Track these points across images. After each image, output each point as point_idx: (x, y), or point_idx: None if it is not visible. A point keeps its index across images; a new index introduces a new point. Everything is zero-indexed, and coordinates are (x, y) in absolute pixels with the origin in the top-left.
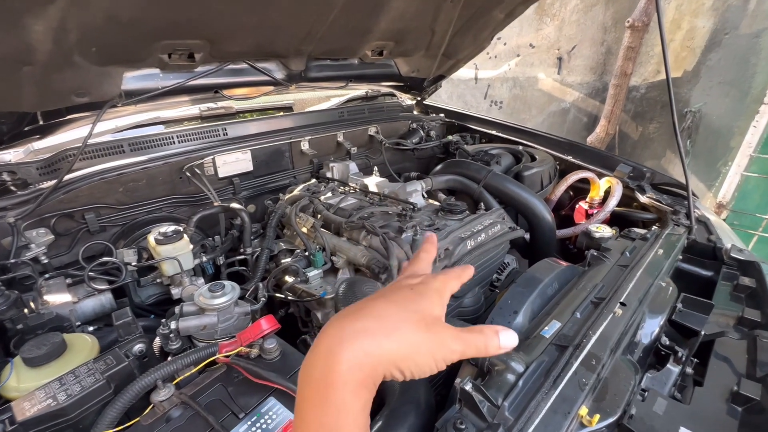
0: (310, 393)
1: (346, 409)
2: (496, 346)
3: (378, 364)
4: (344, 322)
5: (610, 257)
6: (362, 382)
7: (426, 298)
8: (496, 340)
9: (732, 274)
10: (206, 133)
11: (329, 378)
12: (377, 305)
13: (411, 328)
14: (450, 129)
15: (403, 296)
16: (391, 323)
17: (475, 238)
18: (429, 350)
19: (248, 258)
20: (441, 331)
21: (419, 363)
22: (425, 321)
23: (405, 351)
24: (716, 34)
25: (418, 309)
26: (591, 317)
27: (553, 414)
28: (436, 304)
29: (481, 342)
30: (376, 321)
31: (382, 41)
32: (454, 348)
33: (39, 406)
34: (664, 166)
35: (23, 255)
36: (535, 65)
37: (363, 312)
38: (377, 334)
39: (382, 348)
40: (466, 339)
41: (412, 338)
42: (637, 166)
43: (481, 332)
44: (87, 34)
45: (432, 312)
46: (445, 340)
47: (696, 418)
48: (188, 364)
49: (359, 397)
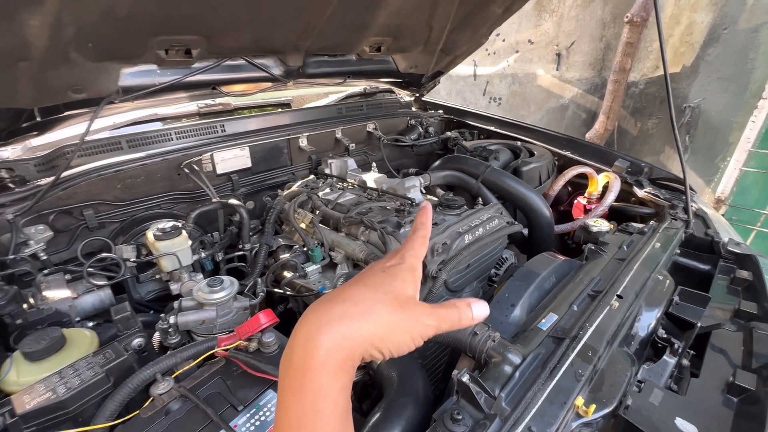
0: (289, 379)
1: (324, 392)
2: (469, 318)
3: (356, 346)
4: (321, 308)
5: (607, 251)
6: (341, 365)
7: (399, 278)
8: (468, 312)
9: (729, 268)
10: (204, 130)
11: (308, 363)
12: (352, 290)
13: (386, 310)
14: (448, 125)
15: (377, 279)
16: (367, 306)
17: (473, 233)
18: (405, 329)
19: (247, 254)
20: (415, 309)
21: (396, 341)
22: (399, 301)
23: (381, 332)
24: (715, 29)
25: (392, 290)
26: (588, 310)
27: (550, 404)
28: (409, 282)
29: (455, 315)
30: (352, 305)
31: (380, 37)
32: (429, 323)
33: (39, 399)
34: (663, 162)
35: (22, 251)
36: (533, 61)
37: (339, 298)
38: (354, 318)
39: (360, 331)
40: (439, 314)
41: (387, 319)
42: (635, 161)
43: (454, 306)
44: (83, 29)
45: (405, 292)
46: (420, 317)
47: (692, 409)
48: (187, 357)
49: (338, 379)
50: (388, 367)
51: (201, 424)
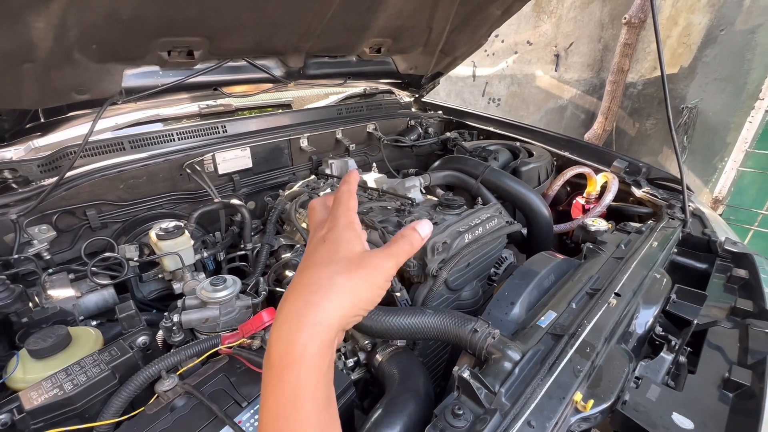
0: (268, 377)
1: (301, 385)
2: (419, 239)
3: (328, 328)
4: (288, 304)
5: (605, 250)
6: (318, 354)
7: (342, 241)
8: (417, 235)
9: (726, 266)
10: (206, 131)
11: (283, 360)
12: (307, 274)
13: (344, 278)
14: (448, 126)
15: (323, 252)
16: (326, 285)
17: (473, 232)
18: (368, 284)
19: (249, 254)
20: (370, 261)
21: (366, 299)
22: (353, 263)
23: (349, 301)
24: (712, 30)
25: (342, 256)
26: (586, 307)
27: (549, 399)
28: (353, 240)
29: (407, 243)
30: (312, 291)
31: (380, 38)
32: (388, 266)
33: (46, 396)
34: (661, 162)
35: (26, 251)
36: (532, 62)
37: (299, 287)
38: (318, 303)
39: (327, 312)
40: (394, 251)
41: (349, 286)
42: (633, 162)
43: (402, 236)
44: (87, 31)
45: (354, 250)
46: (378, 264)
47: (688, 405)
48: (191, 355)
49: (317, 368)
50: (390, 364)
51: (206, 420)
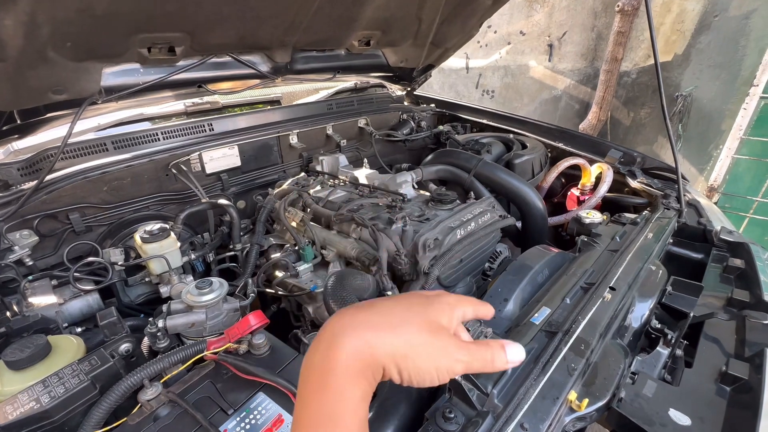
0: (311, 378)
1: (345, 397)
2: (503, 361)
3: (378, 355)
4: (349, 312)
5: (600, 243)
6: (361, 371)
7: (435, 307)
8: (503, 355)
9: (722, 256)
10: (192, 129)
11: (329, 364)
12: (385, 303)
13: (414, 329)
14: (441, 119)
15: (413, 301)
16: (396, 320)
17: (465, 227)
18: (430, 355)
19: (238, 254)
20: (445, 338)
21: (419, 365)
22: (430, 326)
23: (405, 349)
24: (706, 16)
25: (426, 313)
26: (580, 303)
27: (542, 400)
28: (444, 314)
29: (489, 355)
30: (381, 316)
31: (369, 31)
32: (459, 357)
33: (22, 409)
34: (656, 151)
35: (7, 257)
36: (526, 53)
37: (369, 307)
38: (380, 327)
39: (383, 341)
40: (471, 350)
41: (414, 338)
42: (628, 152)
43: (488, 346)
44: (60, 28)
45: (439, 320)
46: (449, 347)
47: (685, 400)
48: (176, 362)
49: (358, 386)
50: None
51: (190, 429)
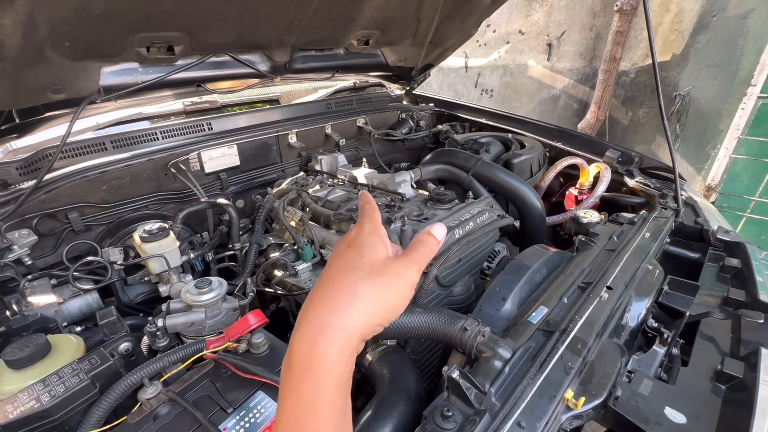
0: (288, 380)
1: (321, 390)
2: (436, 243)
3: (351, 334)
4: (311, 309)
5: (597, 242)
6: (338, 360)
7: (367, 246)
8: (433, 240)
9: (718, 256)
10: (191, 128)
11: (304, 362)
12: (331, 278)
13: (368, 285)
14: (440, 118)
15: (348, 257)
16: (350, 290)
17: (464, 227)
18: (392, 291)
19: (237, 253)
20: (393, 268)
21: (389, 307)
22: (376, 269)
23: (372, 308)
24: (704, 16)
25: (366, 262)
26: (578, 302)
27: (539, 398)
28: (378, 246)
29: (426, 248)
30: (337, 296)
31: (368, 30)
32: (411, 272)
33: (22, 408)
34: (654, 151)
35: (6, 257)
36: (524, 52)
37: (323, 292)
38: (341, 307)
39: (351, 318)
40: (414, 257)
41: (372, 292)
42: (626, 151)
43: (420, 242)
44: (58, 27)
45: (378, 256)
46: (400, 271)
47: (681, 398)
48: (175, 361)
49: (338, 374)
50: (380, 364)
51: (190, 427)
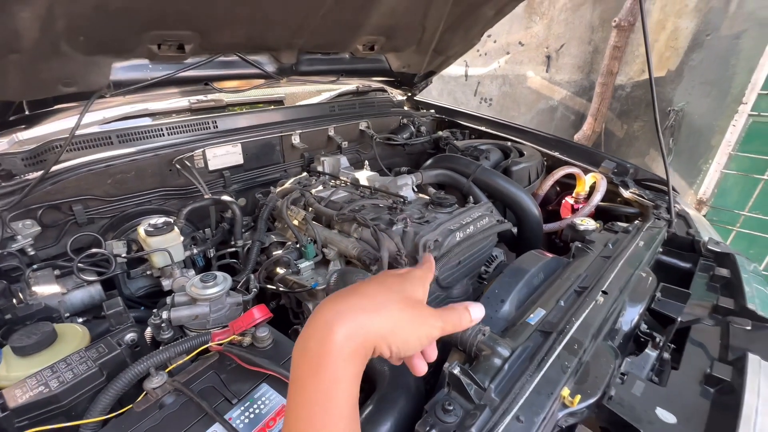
0: (304, 363)
1: (339, 378)
2: (468, 320)
3: (369, 336)
4: (337, 299)
5: (593, 249)
6: (355, 352)
7: (410, 283)
8: (467, 315)
9: (709, 266)
10: (196, 126)
11: (324, 348)
12: (367, 286)
13: (397, 307)
14: (440, 125)
15: (390, 280)
16: (380, 302)
17: (464, 231)
18: (413, 327)
19: (239, 251)
20: (423, 310)
21: (405, 338)
22: (410, 301)
23: (392, 326)
24: (698, 35)
25: (403, 291)
26: (574, 305)
27: (537, 395)
28: (418, 288)
29: (456, 317)
30: (367, 299)
31: (374, 36)
32: (435, 324)
33: (31, 393)
34: (647, 164)
35: (9, 246)
36: (524, 63)
37: (355, 292)
38: (368, 310)
39: (373, 322)
40: (443, 316)
41: (398, 315)
42: (621, 163)
43: (455, 309)
44: (75, 22)
45: (415, 295)
46: (427, 318)
47: (671, 399)
48: (181, 352)
49: (352, 365)
50: (380, 361)
51: (195, 417)
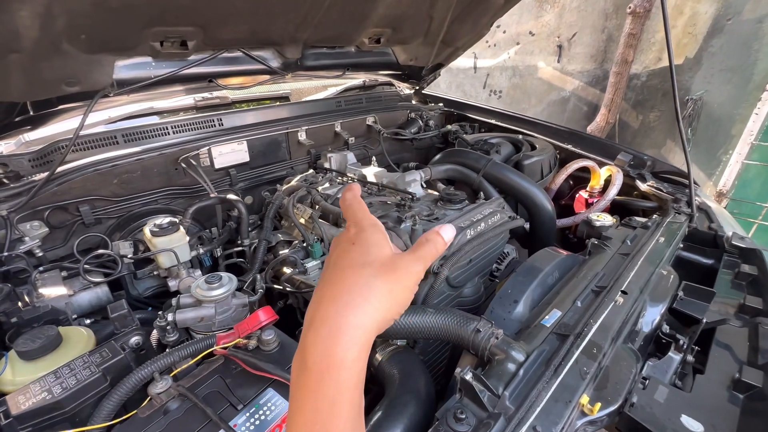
0: (305, 380)
1: (342, 388)
2: (443, 244)
3: (369, 331)
4: (325, 307)
5: (610, 246)
6: (357, 357)
7: (371, 243)
8: (441, 240)
9: (733, 262)
10: (201, 124)
11: (324, 363)
12: (341, 278)
13: (381, 282)
14: (449, 118)
15: (355, 255)
16: (363, 288)
17: (475, 228)
18: (402, 287)
19: (246, 250)
20: (401, 263)
21: (400, 302)
22: (386, 266)
23: (386, 303)
24: (719, 19)
25: (374, 259)
26: (592, 306)
27: (554, 403)
28: (381, 242)
29: (432, 248)
30: (350, 293)
31: (380, 28)
32: (418, 268)
33: (34, 400)
34: (664, 155)
35: (17, 248)
36: (534, 53)
37: (335, 289)
38: (358, 304)
39: (368, 314)
40: (421, 254)
41: (386, 289)
42: (638, 155)
43: (427, 240)
44: (75, 20)
45: (384, 253)
46: (408, 268)
47: (697, 406)
48: (185, 356)
49: (355, 372)
50: (390, 364)
51: (200, 423)
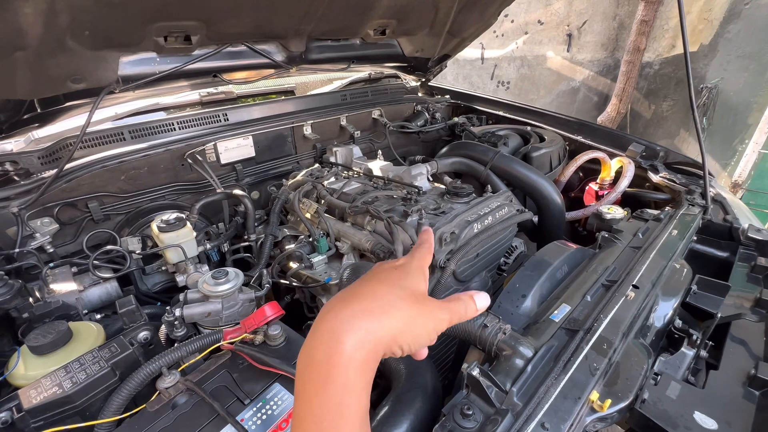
0: (311, 375)
1: (349, 388)
2: (473, 309)
3: (379, 341)
4: (341, 305)
5: (621, 239)
6: (365, 361)
7: (411, 276)
8: (473, 305)
9: (749, 255)
10: (207, 119)
11: (332, 359)
12: (369, 286)
13: (405, 305)
14: (456, 110)
15: (391, 276)
16: (387, 302)
17: (482, 222)
18: (422, 323)
19: (252, 245)
20: (429, 303)
21: (415, 335)
22: (415, 297)
23: (402, 326)
24: (736, 4)
25: (407, 286)
26: (602, 300)
27: (563, 399)
28: (420, 280)
29: (462, 308)
30: (373, 301)
31: (385, 19)
32: (443, 317)
33: (45, 394)
34: (677, 145)
35: (28, 244)
36: (543, 43)
37: (358, 294)
38: (376, 313)
39: (382, 325)
40: (450, 307)
41: (407, 313)
42: (650, 145)
43: (460, 299)
44: (78, 16)
45: (419, 288)
46: (434, 311)
47: (711, 402)
48: (193, 351)
49: (363, 376)
50: (396, 359)
51: (208, 417)
